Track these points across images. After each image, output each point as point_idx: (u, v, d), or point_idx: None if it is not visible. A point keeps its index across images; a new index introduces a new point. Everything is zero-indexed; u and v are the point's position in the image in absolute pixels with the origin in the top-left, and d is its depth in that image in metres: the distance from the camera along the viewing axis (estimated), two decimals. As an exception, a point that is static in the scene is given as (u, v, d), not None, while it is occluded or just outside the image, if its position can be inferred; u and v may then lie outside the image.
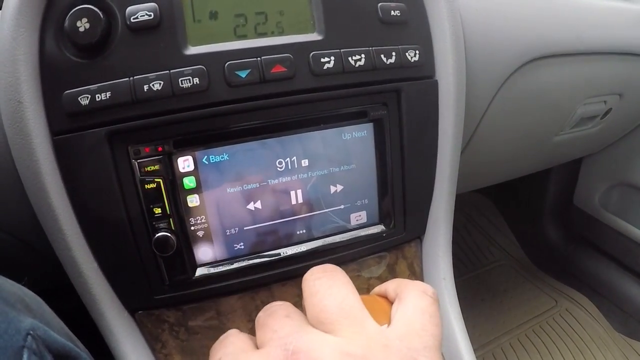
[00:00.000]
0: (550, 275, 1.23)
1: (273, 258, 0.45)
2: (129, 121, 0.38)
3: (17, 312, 0.31)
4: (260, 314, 0.28)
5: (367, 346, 0.24)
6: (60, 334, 0.34)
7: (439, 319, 0.27)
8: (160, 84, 0.37)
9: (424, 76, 0.46)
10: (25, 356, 0.28)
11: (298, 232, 0.45)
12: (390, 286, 0.31)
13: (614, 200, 1.08)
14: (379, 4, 0.43)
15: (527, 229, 1.31)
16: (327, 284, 0.27)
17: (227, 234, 0.43)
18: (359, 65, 0.42)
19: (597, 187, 1.09)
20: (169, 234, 0.40)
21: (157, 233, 0.40)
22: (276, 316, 0.27)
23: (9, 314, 0.30)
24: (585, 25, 0.65)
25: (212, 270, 0.43)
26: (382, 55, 0.43)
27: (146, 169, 0.39)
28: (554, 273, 1.23)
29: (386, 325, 0.26)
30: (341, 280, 0.28)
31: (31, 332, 0.30)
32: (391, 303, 0.29)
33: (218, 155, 0.41)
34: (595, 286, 1.15)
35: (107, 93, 0.36)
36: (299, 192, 0.44)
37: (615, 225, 1.06)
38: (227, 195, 0.42)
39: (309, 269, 0.29)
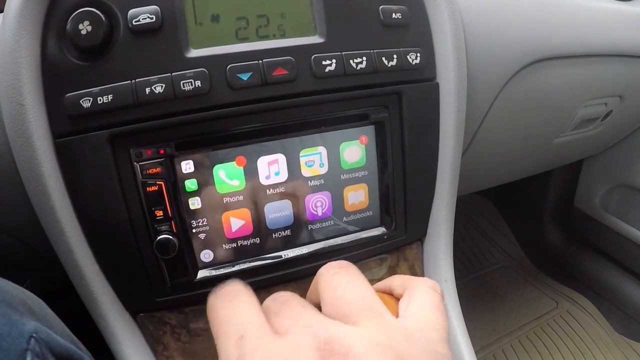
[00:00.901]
0: (551, 277, 1.23)
1: (274, 260, 0.45)
2: (130, 124, 0.38)
3: (20, 315, 0.31)
4: (269, 302, 0.28)
5: (391, 337, 0.24)
6: (62, 336, 0.34)
7: (446, 314, 0.29)
8: (162, 86, 0.37)
9: (425, 79, 0.46)
10: (28, 359, 0.28)
11: (299, 234, 0.45)
12: (396, 282, 0.31)
13: (614, 201, 1.08)
14: (381, 7, 0.43)
15: (528, 231, 1.31)
16: (346, 279, 0.28)
17: (229, 236, 0.43)
18: (361, 67, 0.42)
19: (598, 188, 1.09)
20: (171, 237, 0.40)
21: (159, 235, 0.40)
22: (292, 305, 0.27)
23: (12, 317, 0.30)
24: (586, 28, 0.65)
25: (214, 272, 0.43)
26: (383, 58, 0.43)
27: (148, 171, 0.39)
28: (555, 275, 1.23)
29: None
30: (359, 276, 0.28)
31: (34, 334, 0.30)
32: (396, 299, 0.30)
33: (220, 157, 0.41)
34: (596, 288, 1.15)
35: (109, 96, 0.36)
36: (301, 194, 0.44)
37: (616, 226, 1.06)
38: (228, 198, 0.42)
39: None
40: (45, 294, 0.39)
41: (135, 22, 0.37)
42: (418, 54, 0.45)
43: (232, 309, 0.27)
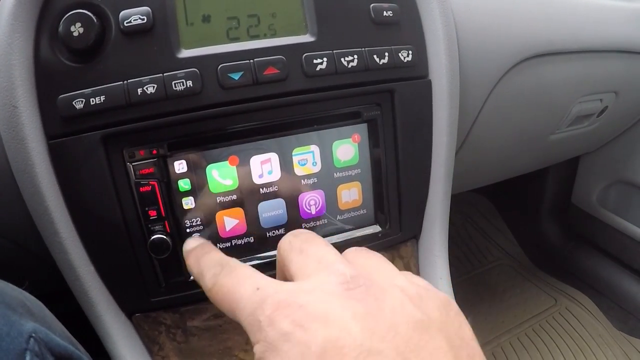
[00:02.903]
0: (550, 274, 1.23)
1: (269, 259, 0.45)
2: (123, 124, 0.38)
3: (19, 316, 0.31)
4: (290, 237, 0.30)
5: (412, 281, 0.28)
6: (61, 337, 0.34)
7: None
8: (153, 87, 0.37)
9: (417, 76, 0.47)
10: (27, 359, 0.29)
11: (294, 233, 0.46)
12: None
13: (612, 198, 1.08)
14: (371, 5, 0.43)
15: (525, 228, 1.31)
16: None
17: (223, 235, 0.43)
18: (352, 66, 0.42)
19: (595, 185, 1.10)
20: (164, 236, 0.40)
21: (153, 235, 0.40)
22: (316, 242, 0.29)
23: (11, 318, 0.30)
24: (580, 23, 0.65)
25: (209, 271, 0.43)
26: (374, 56, 0.43)
27: (141, 171, 0.39)
28: (553, 272, 1.23)
29: None
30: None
31: (33, 335, 0.30)
32: None
33: (212, 157, 0.41)
34: (594, 284, 1.15)
35: (102, 97, 0.37)
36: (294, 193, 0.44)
37: (614, 223, 1.06)
38: (222, 197, 0.42)
39: None
40: (44, 295, 0.39)
41: (127, 23, 0.37)
42: (410, 52, 0.45)
43: (236, 276, 0.28)
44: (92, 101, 0.37)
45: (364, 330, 0.23)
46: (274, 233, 0.45)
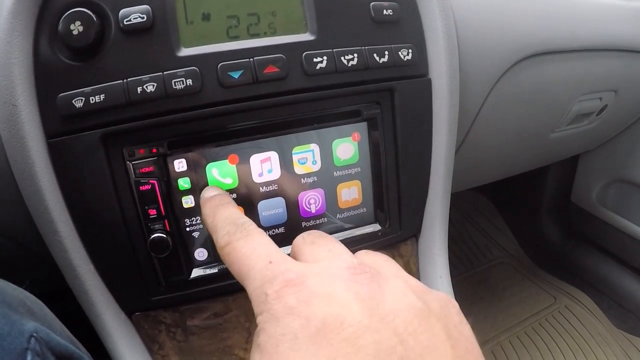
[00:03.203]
0: (549, 273, 1.23)
1: (269, 258, 0.45)
2: (123, 123, 0.38)
3: (19, 316, 0.31)
4: (304, 234, 0.32)
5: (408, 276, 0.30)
6: (62, 336, 0.34)
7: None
8: (153, 85, 0.37)
9: (417, 75, 0.47)
10: (28, 358, 0.29)
11: (293, 232, 0.45)
12: None
13: (611, 196, 1.08)
14: (371, 4, 0.43)
15: (525, 227, 1.31)
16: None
17: (223, 234, 0.43)
18: (352, 64, 0.42)
19: (595, 183, 1.10)
20: (164, 235, 0.40)
21: (153, 234, 0.40)
22: (328, 238, 0.31)
23: (12, 317, 0.30)
24: (579, 22, 0.65)
25: (208, 270, 0.43)
26: (374, 55, 0.43)
27: (141, 170, 0.39)
28: (553, 270, 1.23)
29: None
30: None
31: (34, 334, 0.30)
32: None
33: (212, 155, 0.41)
34: (594, 283, 1.15)
35: (101, 95, 0.37)
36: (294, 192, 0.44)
37: (613, 221, 1.07)
38: (222, 196, 0.42)
39: None
40: (44, 294, 0.39)
41: (127, 21, 0.37)
42: (409, 50, 0.45)
43: (252, 243, 0.30)
44: (92, 100, 0.37)
45: (364, 310, 0.24)
46: (273, 232, 0.45)
